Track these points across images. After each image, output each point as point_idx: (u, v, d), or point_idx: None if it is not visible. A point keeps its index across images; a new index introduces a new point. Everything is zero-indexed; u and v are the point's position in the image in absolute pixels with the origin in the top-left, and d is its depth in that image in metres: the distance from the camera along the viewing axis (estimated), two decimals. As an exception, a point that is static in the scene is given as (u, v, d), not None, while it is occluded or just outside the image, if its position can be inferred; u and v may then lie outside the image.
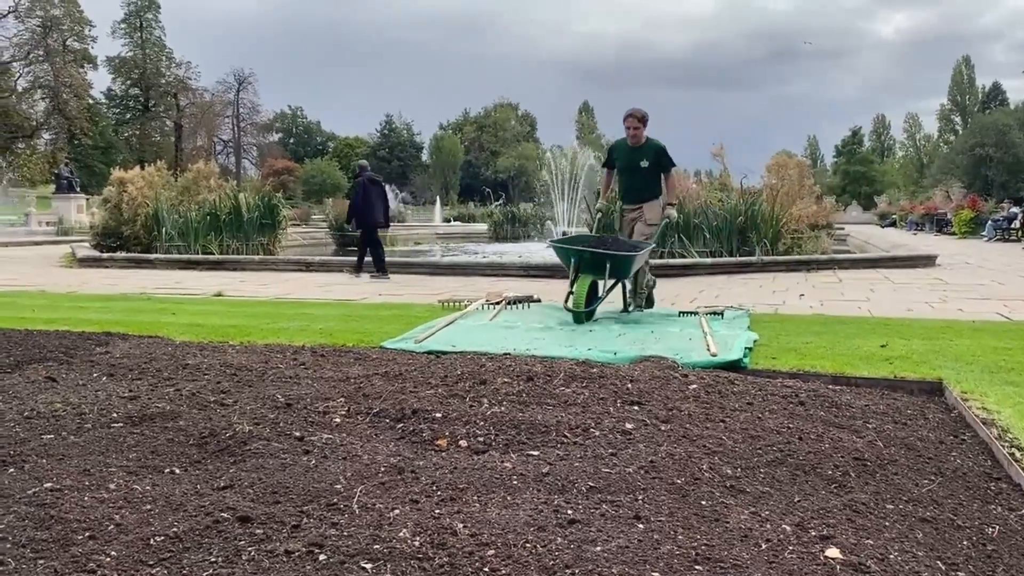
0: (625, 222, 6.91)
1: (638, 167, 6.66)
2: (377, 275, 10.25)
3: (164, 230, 14.18)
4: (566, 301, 5.92)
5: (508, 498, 2.12)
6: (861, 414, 3.09)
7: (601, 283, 6.08)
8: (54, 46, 66.41)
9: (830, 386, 3.64)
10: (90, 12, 69.18)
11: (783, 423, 2.87)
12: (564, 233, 21.08)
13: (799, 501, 2.17)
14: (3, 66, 64.98)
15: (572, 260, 6.01)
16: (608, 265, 5.80)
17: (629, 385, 3.28)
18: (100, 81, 73.03)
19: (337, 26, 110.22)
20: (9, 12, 64.78)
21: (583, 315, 5.71)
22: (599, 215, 7.22)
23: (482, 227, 31.05)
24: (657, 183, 6.76)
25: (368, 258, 10.66)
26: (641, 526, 1.95)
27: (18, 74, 67.28)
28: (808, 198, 12.89)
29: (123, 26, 73.38)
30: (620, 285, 6.37)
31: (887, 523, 2.04)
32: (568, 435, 2.66)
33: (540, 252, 17.07)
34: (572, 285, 5.95)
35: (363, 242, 10.77)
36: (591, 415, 2.89)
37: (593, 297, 5.91)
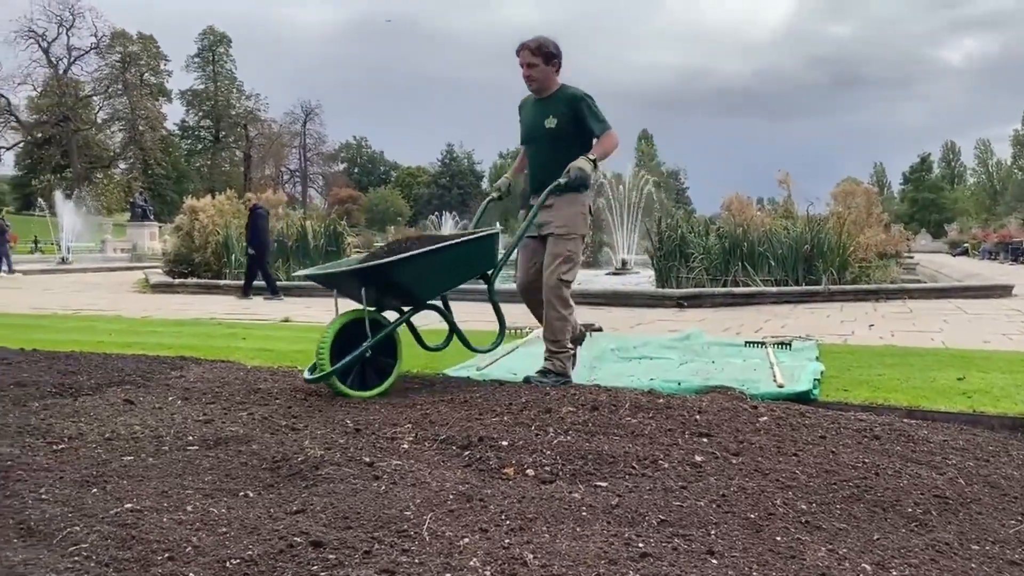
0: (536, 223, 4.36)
1: (542, 130, 4.23)
2: (272, 296, 11.84)
3: (233, 257, 14.60)
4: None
5: (578, 529, 2.11)
6: (940, 450, 2.98)
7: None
8: (132, 80, 69.49)
9: (905, 420, 3.54)
10: (166, 47, 72.33)
11: (858, 458, 2.79)
12: (623, 262, 21.03)
13: (878, 539, 2.10)
14: (84, 99, 68.16)
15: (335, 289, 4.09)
16: (364, 287, 3.80)
17: (697, 416, 3.24)
18: (174, 113, 76.09)
19: (401, 59, 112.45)
20: (91, 49, 68.13)
21: (333, 381, 3.73)
22: (494, 196, 4.65)
23: (541, 254, 31.03)
24: (577, 158, 4.13)
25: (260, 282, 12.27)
26: (715, 561, 1.92)
27: (98, 107, 70.51)
28: (876, 226, 12.62)
29: (196, 60, 76.40)
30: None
31: (973, 565, 1.97)
32: (636, 466, 2.63)
33: (599, 279, 17.03)
34: None
35: (258, 267, 12.22)
36: (659, 446, 2.86)
37: (348, 347, 3.79)
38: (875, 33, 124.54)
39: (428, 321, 4.35)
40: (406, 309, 4.14)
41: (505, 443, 2.88)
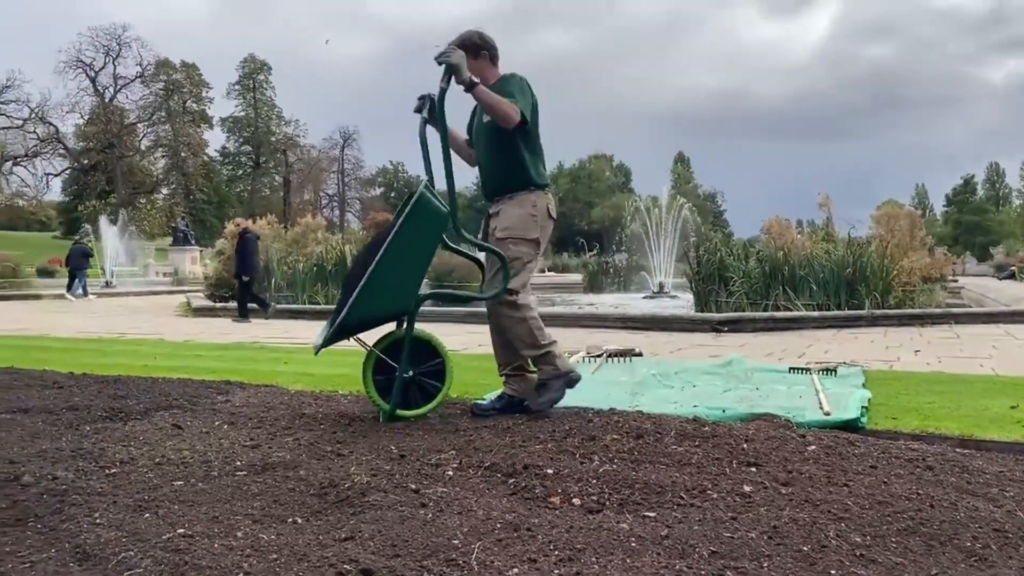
0: (489, 233, 4.07)
1: (481, 127, 3.97)
2: (242, 319, 12.37)
3: (274, 281, 14.79)
4: None
5: (628, 561, 2.09)
6: (996, 481, 2.91)
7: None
8: (175, 108, 71.21)
9: (958, 450, 3.45)
10: (208, 75, 74.03)
11: (911, 489, 2.73)
12: (661, 285, 20.92)
13: (936, 574, 2.05)
14: (129, 127, 69.99)
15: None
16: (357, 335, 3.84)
17: (744, 445, 3.20)
18: (215, 139, 77.62)
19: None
20: (136, 78, 70.06)
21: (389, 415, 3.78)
22: (417, 109, 3.98)
23: (576, 277, 31.19)
24: (516, 156, 3.88)
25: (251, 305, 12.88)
26: (769, 595, 1.88)
27: (142, 134, 72.36)
28: (920, 250, 12.42)
29: (237, 87, 77.97)
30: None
31: (1037, 603, 1.91)
32: (684, 496, 2.60)
33: (636, 303, 16.96)
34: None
35: (247, 290, 12.79)
36: (707, 476, 2.82)
37: (389, 377, 3.84)
38: (914, 54, 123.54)
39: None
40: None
41: (550, 471, 2.87)
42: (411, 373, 3.87)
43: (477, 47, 3.94)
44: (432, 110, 3.88)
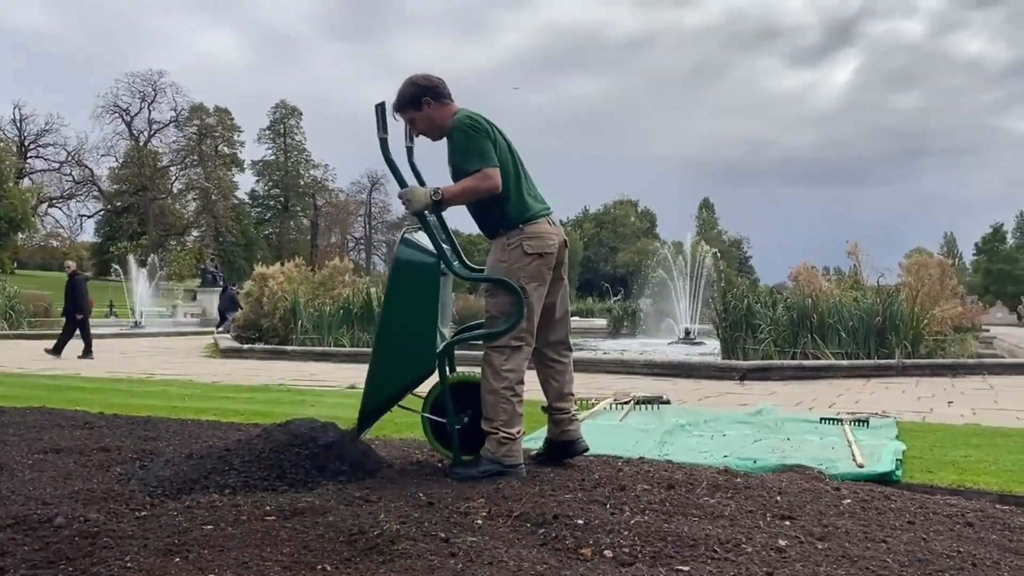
0: None
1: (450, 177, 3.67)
2: (85, 356, 12.97)
3: (300, 323, 14.87)
4: None
5: (662, 616, 2.05)
6: (1039, 540, 2.83)
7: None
8: (207, 152, 72.65)
9: (998, 506, 3.37)
10: (239, 119, 75.56)
11: (952, 546, 2.66)
12: (687, 331, 20.79)
13: (982, 637, 1.99)
14: (162, 170, 71.48)
15: None
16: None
17: (778, 497, 3.14)
18: (245, 182, 78.87)
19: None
20: (170, 122, 71.69)
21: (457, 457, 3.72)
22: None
23: (601, 322, 31.12)
24: (479, 201, 3.58)
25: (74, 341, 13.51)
26: (809, 656, 1.84)
27: (174, 177, 73.82)
28: (952, 299, 12.28)
29: (268, 132, 79.39)
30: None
31: (1089, 669, 1.84)
32: (718, 550, 2.55)
33: (662, 349, 16.86)
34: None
35: (73, 329, 13.55)
36: (740, 529, 2.77)
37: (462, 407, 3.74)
38: (941, 103, 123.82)
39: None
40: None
41: (580, 521, 2.83)
42: (466, 419, 3.75)
43: (416, 97, 3.64)
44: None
